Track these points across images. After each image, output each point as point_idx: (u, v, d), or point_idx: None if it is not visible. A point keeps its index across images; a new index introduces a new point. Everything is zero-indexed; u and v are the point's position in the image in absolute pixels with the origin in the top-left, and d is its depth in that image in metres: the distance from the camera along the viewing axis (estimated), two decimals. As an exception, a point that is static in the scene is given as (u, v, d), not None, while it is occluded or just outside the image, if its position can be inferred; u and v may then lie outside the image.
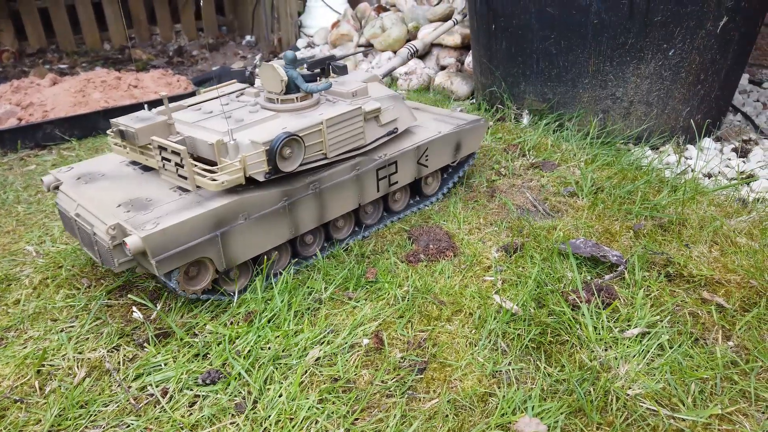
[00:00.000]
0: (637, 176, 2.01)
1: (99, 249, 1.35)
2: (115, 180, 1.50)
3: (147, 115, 1.51)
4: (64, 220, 1.50)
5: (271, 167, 1.40)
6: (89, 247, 1.40)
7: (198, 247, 1.33)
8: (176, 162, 1.37)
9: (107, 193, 1.44)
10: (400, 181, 1.75)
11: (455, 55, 3.31)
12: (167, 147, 1.36)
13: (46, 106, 2.77)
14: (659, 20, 2.06)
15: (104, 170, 1.57)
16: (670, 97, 2.25)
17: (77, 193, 1.45)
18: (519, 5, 2.30)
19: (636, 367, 1.21)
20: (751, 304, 1.38)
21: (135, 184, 1.47)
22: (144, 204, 1.36)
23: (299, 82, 1.55)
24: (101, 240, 1.31)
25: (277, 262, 1.57)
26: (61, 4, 4.90)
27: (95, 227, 1.33)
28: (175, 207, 1.34)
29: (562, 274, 1.52)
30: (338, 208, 1.61)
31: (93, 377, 1.27)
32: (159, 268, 1.28)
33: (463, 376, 1.22)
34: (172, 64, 4.74)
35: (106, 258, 1.34)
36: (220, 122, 1.47)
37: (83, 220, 1.37)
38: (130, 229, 1.26)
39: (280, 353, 1.29)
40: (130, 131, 1.43)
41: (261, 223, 1.43)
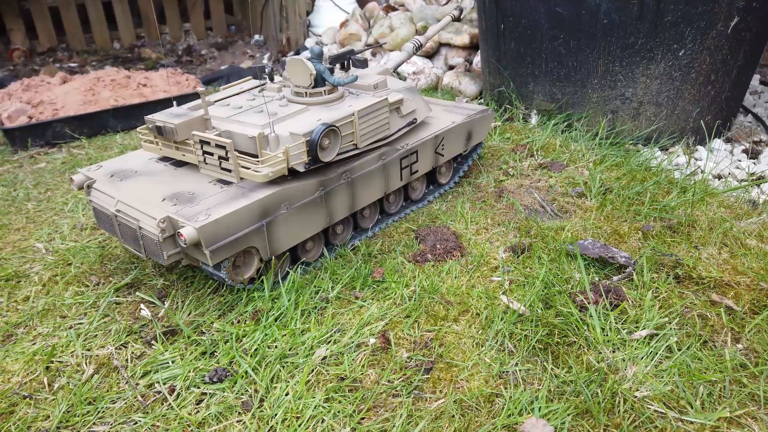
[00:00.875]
0: (647, 177, 2.00)
1: (145, 243, 1.36)
2: (150, 176, 1.52)
3: (181, 110, 1.53)
4: (100, 217, 1.51)
5: (311, 158, 1.43)
6: (132, 243, 1.42)
7: (246, 237, 1.36)
8: (219, 155, 1.39)
9: (147, 189, 1.45)
10: (420, 169, 1.80)
11: (464, 55, 3.30)
12: (210, 141, 1.38)
13: (56, 104, 2.79)
14: (669, 20, 2.05)
15: (135, 167, 1.58)
16: (680, 98, 2.23)
17: (114, 189, 1.47)
18: (528, 5, 2.29)
19: (644, 369, 1.20)
20: (760, 307, 1.36)
21: (172, 179, 1.49)
22: (188, 197, 1.39)
23: (326, 75, 1.59)
24: (149, 234, 1.33)
25: (311, 251, 1.61)
26: (71, 3, 4.93)
27: (141, 222, 1.34)
28: (221, 199, 1.37)
29: (569, 275, 1.51)
30: (367, 197, 1.65)
31: (101, 374, 1.27)
32: (212, 258, 1.30)
33: (470, 377, 1.22)
34: (181, 63, 4.76)
35: (153, 251, 1.36)
36: (255, 116, 1.50)
37: (126, 215, 1.39)
38: (182, 221, 1.28)
39: (286, 352, 1.29)
40: (169, 127, 1.44)
41: (301, 212, 1.47)
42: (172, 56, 4.96)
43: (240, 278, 1.44)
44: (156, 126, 1.48)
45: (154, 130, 1.50)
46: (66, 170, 2.40)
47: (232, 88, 1.77)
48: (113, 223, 1.44)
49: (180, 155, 1.51)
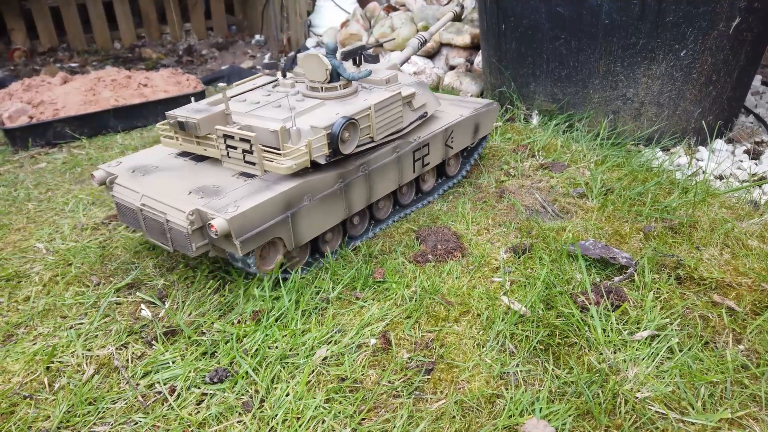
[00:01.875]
0: (648, 178, 1.99)
1: (173, 236, 1.39)
2: (171, 171, 1.55)
3: (201, 106, 1.56)
4: (124, 212, 1.52)
5: (331, 150, 1.47)
6: (158, 236, 1.44)
7: (273, 228, 1.40)
8: (243, 149, 1.41)
9: (170, 183, 1.48)
10: (432, 162, 1.85)
11: (464, 55, 3.30)
12: (234, 135, 1.41)
13: (57, 104, 2.79)
14: (671, 20, 2.04)
15: (155, 163, 1.60)
16: (681, 98, 2.23)
17: (138, 184, 1.49)
18: (529, 5, 2.29)
19: (645, 370, 1.20)
20: (762, 308, 1.36)
21: (194, 173, 1.52)
22: (214, 190, 1.42)
23: (341, 70, 1.62)
24: (177, 226, 1.35)
25: (332, 241, 1.66)
26: (72, 3, 4.93)
27: (168, 215, 1.37)
28: (247, 192, 1.40)
29: (571, 275, 1.51)
30: (383, 189, 1.69)
31: (101, 374, 1.27)
32: (242, 248, 1.33)
33: (471, 377, 1.21)
34: (182, 63, 4.76)
35: (181, 244, 1.38)
36: (274, 111, 1.54)
37: (152, 209, 1.41)
38: (212, 213, 1.31)
39: (287, 352, 1.29)
40: (191, 122, 1.47)
41: (322, 204, 1.51)
42: (173, 56, 4.96)
43: (267, 268, 1.47)
44: (178, 121, 1.50)
45: (176, 126, 1.52)
46: (67, 170, 2.40)
47: (244, 85, 1.79)
48: (138, 217, 1.46)
49: (201, 150, 1.53)
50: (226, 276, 1.58)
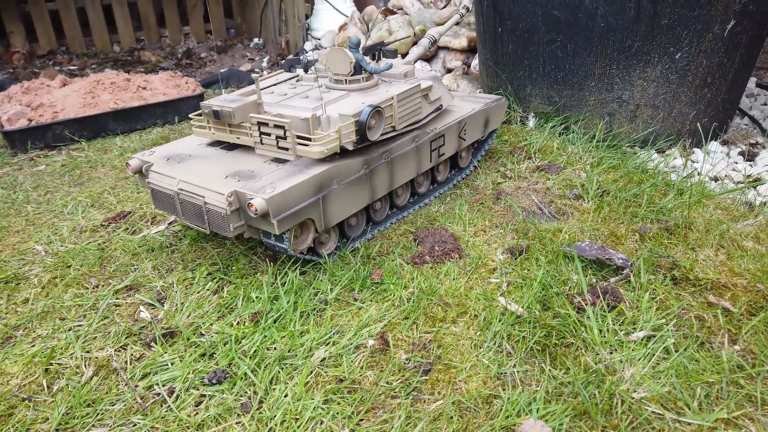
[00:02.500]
0: (643, 179, 2.00)
1: (210, 218, 1.46)
2: (204, 159, 1.62)
3: (234, 97, 1.63)
4: (159, 197, 1.58)
5: (358, 137, 1.56)
6: (195, 219, 1.51)
7: (306, 209, 1.47)
8: (277, 135, 1.51)
9: (205, 169, 1.55)
10: (446, 152, 1.94)
11: (461, 58, 3.31)
12: (269, 122, 1.50)
13: (56, 107, 2.79)
14: (666, 23, 2.06)
15: (188, 151, 1.68)
16: (676, 101, 2.24)
17: (174, 171, 1.56)
18: (525, 8, 2.30)
19: (641, 370, 1.20)
20: (757, 308, 1.37)
21: (227, 160, 1.59)
22: (249, 175, 1.49)
23: (364, 63, 1.72)
24: (215, 208, 1.43)
25: (356, 226, 1.73)
26: (71, 6, 4.94)
27: (206, 197, 1.44)
28: (281, 175, 1.47)
29: (567, 276, 1.52)
30: (403, 176, 1.78)
31: (100, 376, 1.28)
32: (279, 227, 1.40)
33: (468, 378, 1.22)
34: (181, 66, 4.77)
35: (219, 225, 1.45)
36: (302, 101, 1.64)
37: (189, 193, 1.48)
38: (250, 194, 1.38)
39: (285, 354, 1.30)
40: (227, 111, 1.54)
41: (349, 188, 1.59)
42: (172, 59, 4.97)
43: (300, 248, 1.54)
44: (213, 110, 1.57)
45: (211, 115, 1.59)
46: (66, 173, 2.41)
47: (268, 80, 1.90)
48: (174, 201, 1.53)
49: (234, 138, 1.62)
50: (224, 278, 1.59)
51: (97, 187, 2.23)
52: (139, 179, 1.68)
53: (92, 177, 2.36)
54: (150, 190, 1.60)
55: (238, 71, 4.16)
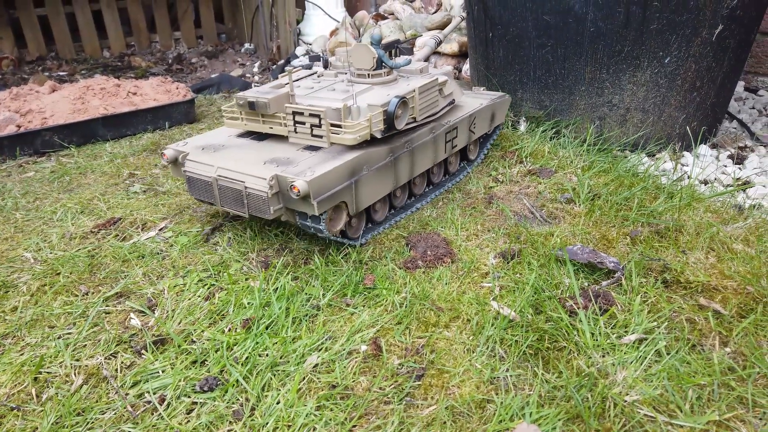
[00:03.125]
0: (634, 183, 2.02)
1: (250, 201, 1.55)
2: (239, 148, 1.71)
3: (266, 89, 1.73)
4: (196, 185, 1.67)
5: (386, 126, 1.66)
6: (233, 203, 1.60)
7: (340, 192, 1.57)
8: (312, 124, 1.60)
9: (241, 157, 1.63)
10: (458, 144, 2.04)
11: (453, 63, 3.33)
12: (304, 111, 1.60)
13: (45, 113, 2.77)
14: (655, 28, 2.07)
15: (221, 142, 1.77)
16: (666, 105, 2.26)
17: (211, 159, 1.64)
18: (516, 13, 2.31)
19: (633, 373, 1.21)
20: (747, 311, 1.38)
21: (261, 149, 1.69)
22: (286, 161, 1.58)
23: (385, 59, 1.83)
24: (256, 192, 1.51)
25: (379, 212, 1.83)
26: (60, 11, 4.92)
27: (246, 182, 1.53)
28: (317, 161, 1.56)
29: (559, 280, 1.52)
30: (422, 165, 1.88)
31: (90, 384, 1.26)
32: (318, 208, 1.49)
33: (461, 383, 1.22)
34: (172, 71, 4.75)
35: (259, 208, 1.54)
36: (330, 93, 1.74)
37: (229, 179, 1.57)
38: (291, 177, 1.47)
39: (277, 360, 1.29)
40: (262, 101, 1.64)
41: (377, 174, 1.69)
42: (163, 65, 4.95)
43: (334, 230, 1.63)
44: (248, 101, 1.66)
45: (246, 106, 1.68)
46: (55, 179, 2.39)
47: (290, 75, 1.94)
48: (212, 188, 1.62)
49: (266, 128, 1.72)
50: (216, 284, 1.58)
51: (87, 194, 2.22)
52: (173, 170, 1.76)
53: (82, 183, 2.35)
54: (186, 179, 1.67)
55: (229, 76, 4.15)
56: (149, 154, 2.64)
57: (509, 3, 2.31)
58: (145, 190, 2.23)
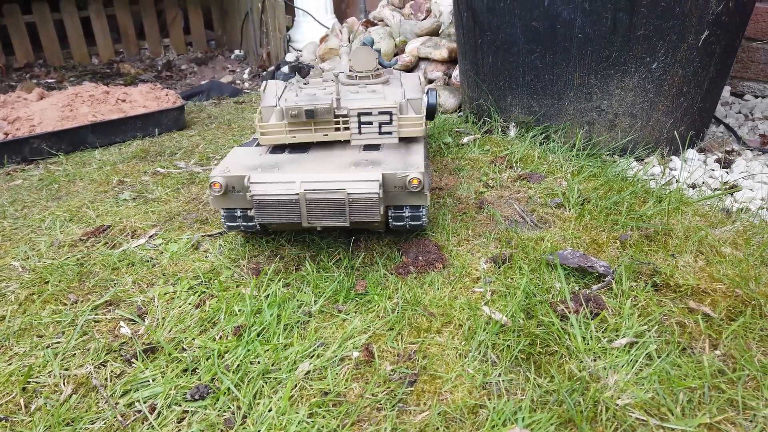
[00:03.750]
0: (623, 187, 2.03)
1: (355, 208, 1.50)
2: (296, 162, 1.62)
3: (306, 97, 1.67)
4: (272, 206, 1.53)
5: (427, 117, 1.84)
6: (329, 215, 1.51)
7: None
8: (380, 122, 1.63)
9: (314, 167, 1.57)
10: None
11: (442, 69, 3.34)
12: (373, 111, 1.63)
13: (33, 120, 2.75)
14: (642, 34, 2.10)
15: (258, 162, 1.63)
16: (653, 110, 2.28)
17: (284, 176, 1.54)
18: (504, 20, 2.33)
19: (625, 377, 1.21)
20: (736, 313, 1.39)
21: (320, 158, 1.64)
22: (373, 160, 1.60)
23: (381, 60, 1.94)
24: (364, 196, 1.48)
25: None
26: (48, 19, 4.89)
27: (348, 189, 1.48)
28: (399, 156, 1.63)
29: (550, 284, 1.53)
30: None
31: (79, 394, 1.25)
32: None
33: (454, 388, 1.22)
34: (161, 78, 4.74)
35: (367, 212, 1.50)
36: (365, 93, 1.75)
37: (323, 190, 1.49)
38: (402, 173, 1.51)
39: (269, 367, 1.28)
40: (323, 107, 1.60)
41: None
42: (152, 71, 4.93)
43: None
44: (306, 110, 1.60)
45: (301, 115, 1.61)
46: (43, 187, 2.37)
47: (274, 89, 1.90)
48: (297, 204, 1.51)
49: (319, 136, 1.67)
50: (206, 291, 1.57)
51: (76, 201, 2.20)
52: (220, 201, 1.59)
53: (70, 191, 2.33)
54: (257, 203, 1.52)
55: (219, 83, 4.15)
56: (139, 161, 2.63)
57: (498, 9, 2.33)
58: (135, 198, 2.21)
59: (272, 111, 1.70)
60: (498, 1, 2.31)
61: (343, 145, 1.72)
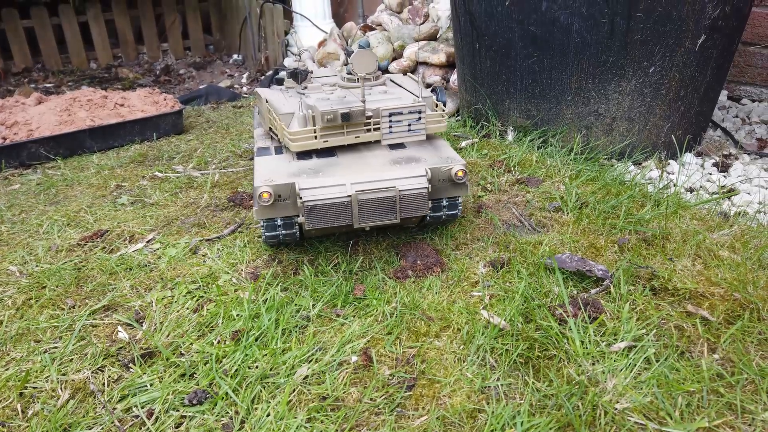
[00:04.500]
0: (621, 191, 2.03)
1: (405, 204, 1.56)
2: (333, 166, 1.64)
3: (337, 101, 1.70)
4: (323, 211, 1.53)
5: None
6: (380, 214, 1.55)
7: None
8: (409, 121, 1.66)
9: (356, 170, 1.60)
10: None
11: (441, 73, 3.35)
12: (403, 110, 1.65)
13: (31, 125, 2.75)
14: (639, 39, 2.10)
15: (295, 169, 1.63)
16: (651, 114, 2.29)
17: (334, 177, 1.56)
18: (502, 24, 2.34)
19: (623, 380, 1.21)
20: (734, 317, 1.39)
21: (352, 160, 1.67)
22: (410, 158, 1.67)
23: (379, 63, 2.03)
24: (414, 192, 1.54)
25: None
26: (47, 23, 4.90)
27: (398, 186, 1.54)
28: (433, 151, 1.71)
29: (548, 288, 1.53)
30: None
31: (77, 399, 1.25)
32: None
33: (452, 393, 1.22)
34: (159, 82, 4.74)
35: (417, 207, 1.57)
36: (380, 96, 1.81)
37: (374, 190, 1.53)
38: (446, 166, 1.61)
39: (267, 372, 1.28)
40: (358, 110, 1.63)
41: None
42: (150, 76, 4.94)
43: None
44: (342, 113, 1.61)
45: (337, 119, 1.61)
46: (41, 191, 2.37)
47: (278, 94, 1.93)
48: (349, 206, 1.53)
49: (351, 138, 1.68)
50: (204, 296, 1.57)
51: (74, 206, 2.20)
52: (266, 211, 1.56)
53: (68, 195, 2.33)
54: (308, 209, 1.51)
55: (217, 87, 4.15)
56: (137, 166, 2.63)
57: (496, 14, 2.34)
58: (133, 202, 2.21)
59: (291, 117, 1.68)
60: (496, 6, 2.32)
61: (368, 146, 1.75)
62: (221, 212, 2.08)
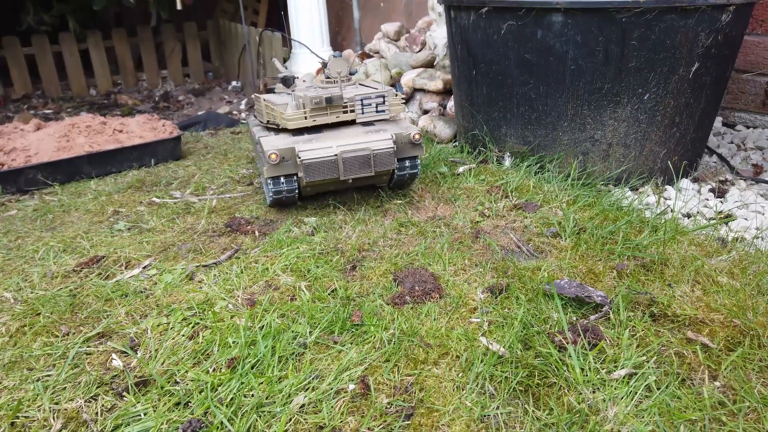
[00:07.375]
0: (619, 217, 2.04)
1: (378, 160, 2.03)
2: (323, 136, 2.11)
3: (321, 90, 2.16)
4: (316, 167, 2.01)
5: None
6: (358, 168, 2.03)
7: None
8: (377, 103, 2.14)
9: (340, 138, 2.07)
10: None
11: (437, 100, 3.38)
12: (371, 95, 2.14)
13: (30, 151, 2.76)
14: (633, 66, 2.13)
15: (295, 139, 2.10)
16: (647, 140, 2.30)
17: (321, 144, 2.04)
18: (498, 52, 2.37)
19: (624, 409, 1.20)
20: (735, 344, 1.38)
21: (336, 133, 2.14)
22: (376, 130, 2.14)
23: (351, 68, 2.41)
24: (383, 150, 2.03)
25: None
26: (47, 51, 4.95)
27: (372, 147, 2.03)
28: (394, 126, 2.20)
29: (547, 314, 1.51)
30: None
31: (69, 429, 1.22)
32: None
33: (451, 422, 1.20)
34: (158, 108, 4.77)
35: (386, 163, 2.05)
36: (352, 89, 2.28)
37: (354, 151, 2.01)
38: (405, 133, 2.11)
39: (263, 400, 1.26)
40: (338, 96, 2.10)
41: None
42: (149, 102, 4.98)
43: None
44: (326, 98, 2.08)
45: (322, 102, 2.09)
46: (38, 217, 2.36)
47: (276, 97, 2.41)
48: (335, 163, 2.01)
49: (333, 118, 2.14)
50: (200, 322, 1.56)
51: (70, 232, 2.19)
52: (274, 169, 2.04)
53: (65, 221, 2.32)
54: (305, 166, 2.00)
55: (216, 114, 4.18)
56: (134, 192, 2.63)
57: (492, 42, 2.37)
58: (130, 228, 2.21)
59: (286, 106, 2.15)
60: (492, 34, 2.36)
61: (346, 125, 2.19)
62: (218, 238, 2.07)
